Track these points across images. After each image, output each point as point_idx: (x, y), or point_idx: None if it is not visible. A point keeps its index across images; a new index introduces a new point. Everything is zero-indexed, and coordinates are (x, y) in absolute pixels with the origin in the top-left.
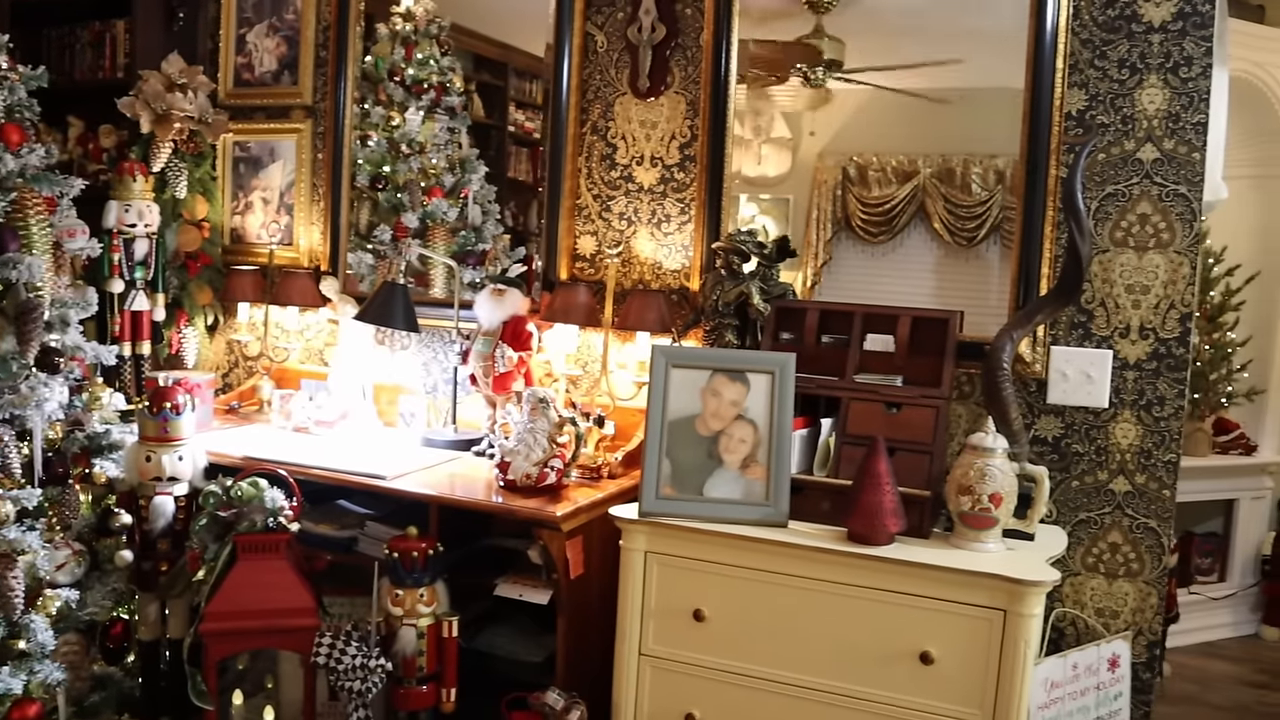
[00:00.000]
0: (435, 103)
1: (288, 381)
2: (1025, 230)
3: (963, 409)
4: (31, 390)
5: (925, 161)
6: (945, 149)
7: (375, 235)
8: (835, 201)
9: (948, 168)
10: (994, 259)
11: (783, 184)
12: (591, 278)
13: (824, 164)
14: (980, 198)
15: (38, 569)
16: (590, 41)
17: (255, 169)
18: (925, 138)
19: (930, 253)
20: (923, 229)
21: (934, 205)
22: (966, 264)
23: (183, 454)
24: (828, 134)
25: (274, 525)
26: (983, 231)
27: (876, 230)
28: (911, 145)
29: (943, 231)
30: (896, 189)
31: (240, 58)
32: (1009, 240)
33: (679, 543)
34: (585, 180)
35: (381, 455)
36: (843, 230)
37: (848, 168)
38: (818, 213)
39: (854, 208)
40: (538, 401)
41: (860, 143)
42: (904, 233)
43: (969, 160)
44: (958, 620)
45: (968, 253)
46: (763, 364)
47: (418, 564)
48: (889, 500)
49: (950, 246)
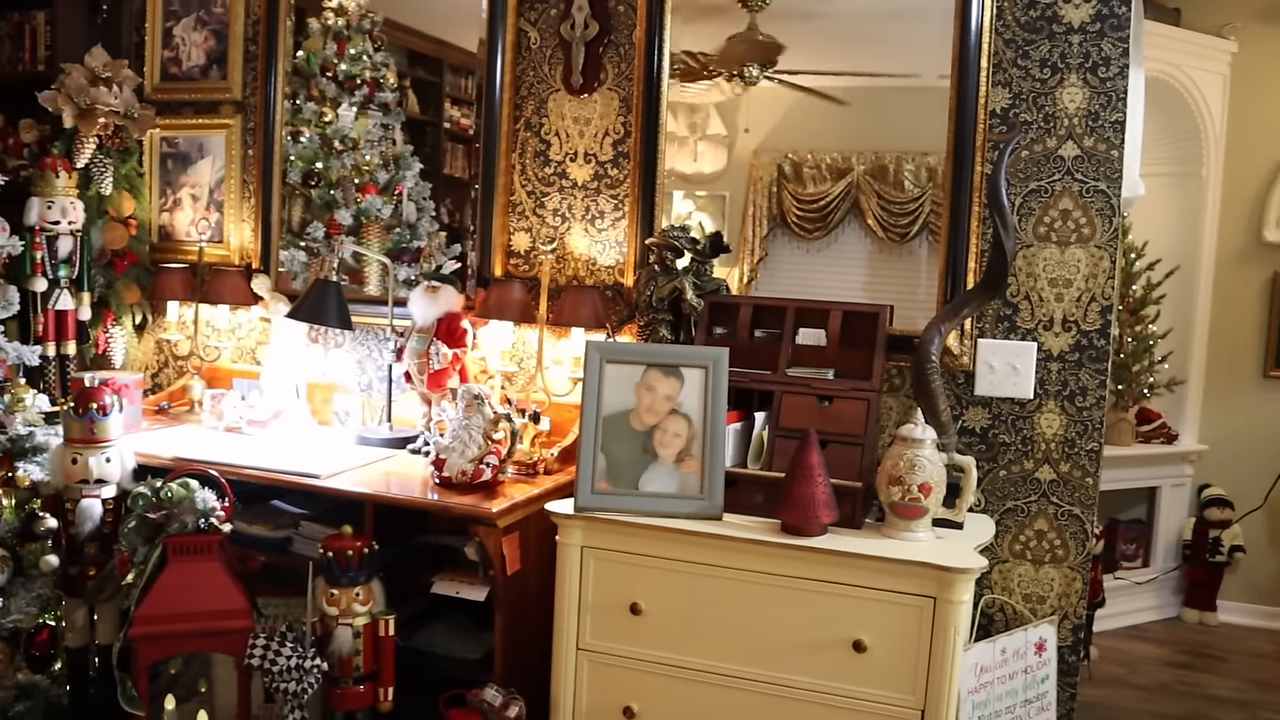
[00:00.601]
0: (368, 99)
1: (219, 381)
2: (952, 226)
3: (893, 401)
4: None
5: (859, 159)
6: (879, 146)
7: (308, 233)
8: (771, 198)
9: (881, 165)
10: (925, 254)
11: (719, 180)
12: (526, 274)
13: (759, 161)
14: (913, 194)
15: None
16: (523, 38)
17: (184, 165)
18: (859, 135)
19: (864, 249)
20: (857, 225)
21: (868, 202)
22: (899, 260)
23: (110, 456)
24: (763, 131)
25: (205, 526)
26: (915, 228)
27: (811, 227)
28: (845, 143)
29: (876, 228)
30: (831, 186)
31: (167, 51)
32: (939, 236)
33: (615, 537)
34: (519, 177)
35: (315, 454)
36: (778, 226)
37: (783, 165)
38: (754, 209)
39: (789, 204)
40: (473, 398)
41: (795, 140)
42: (838, 229)
43: (902, 157)
44: (889, 608)
45: (900, 248)
46: (696, 359)
47: (353, 563)
48: (821, 492)
49: (883, 242)
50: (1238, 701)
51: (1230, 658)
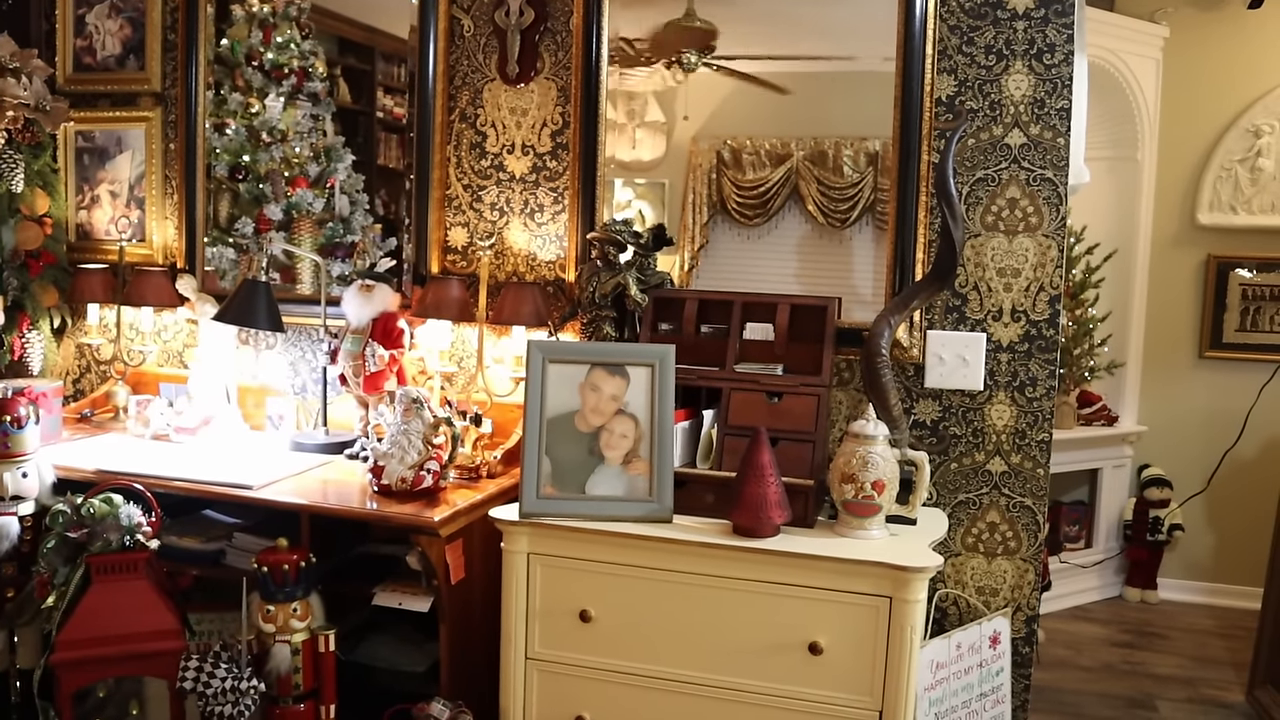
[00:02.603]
0: (297, 88)
1: (145, 386)
2: (899, 216)
3: (843, 395)
4: None
5: (798, 144)
6: (818, 131)
7: (237, 229)
8: (710, 185)
9: (820, 150)
10: (866, 240)
11: (658, 168)
12: (464, 270)
13: (698, 148)
14: (852, 179)
15: None
16: (457, 25)
17: (101, 160)
18: (798, 121)
19: (805, 234)
20: (797, 211)
21: (807, 188)
22: (840, 245)
23: (27, 470)
24: (702, 118)
25: (131, 544)
26: (855, 213)
27: (752, 213)
28: (784, 128)
29: (816, 213)
30: (770, 172)
31: (80, 40)
32: (881, 222)
33: (562, 543)
34: (455, 170)
35: (248, 462)
36: (719, 213)
37: (722, 151)
38: (694, 196)
39: (729, 191)
40: (411, 402)
41: (733, 126)
42: (779, 215)
43: (840, 143)
44: (845, 609)
45: (841, 234)
46: (642, 356)
47: (289, 577)
48: (773, 492)
49: (824, 228)
50: (1180, 679)
51: (1171, 634)
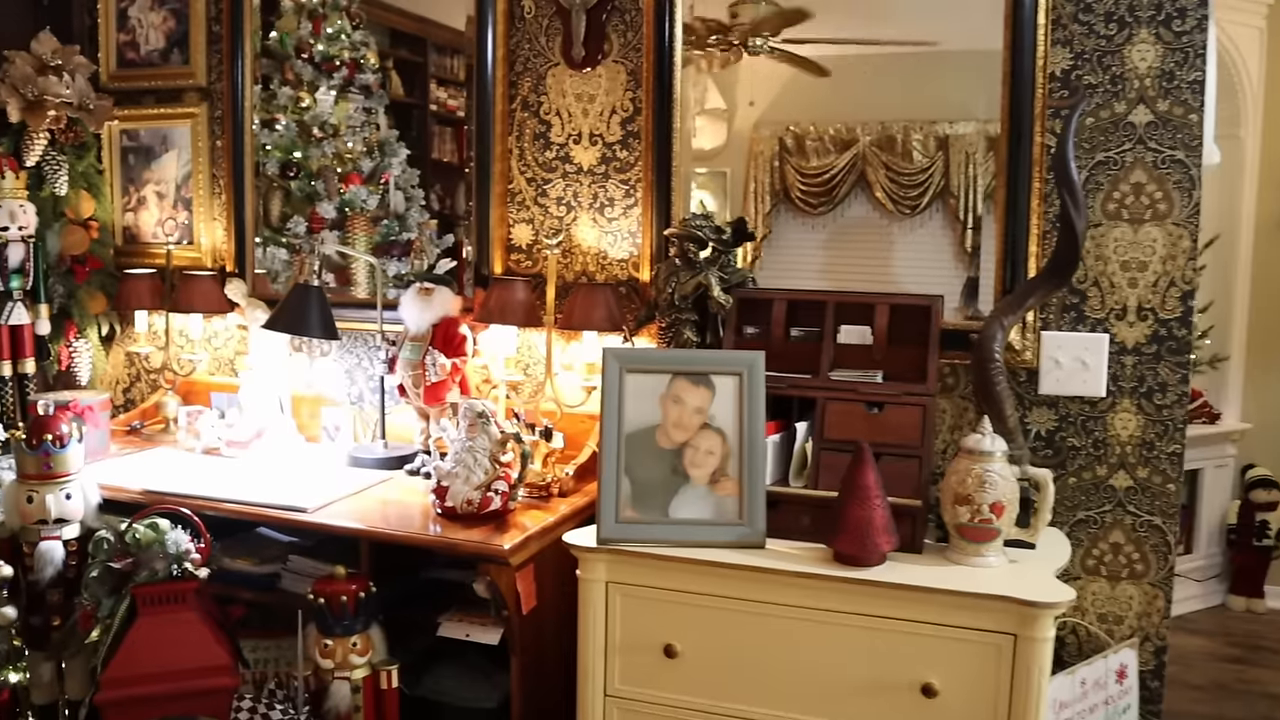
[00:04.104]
0: (348, 81)
1: (196, 395)
2: (1009, 205)
3: (947, 404)
4: None
5: (864, 129)
6: (885, 116)
7: (289, 228)
8: (773, 173)
9: (887, 135)
10: (937, 227)
11: (718, 157)
12: (529, 270)
13: (760, 135)
14: (922, 164)
15: None
16: (516, 6)
17: (147, 160)
18: (863, 105)
19: (872, 222)
20: (864, 198)
21: (875, 174)
22: (911, 232)
23: (71, 491)
24: (763, 104)
25: (179, 573)
26: (925, 199)
27: (816, 201)
28: (849, 113)
29: (884, 200)
30: (835, 158)
31: (123, 35)
32: (955, 207)
33: (644, 571)
34: (517, 162)
35: (302, 481)
36: (782, 202)
37: (784, 138)
38: (755, 185)
39: (792, 179)
40: (476, 416)
41: (797, 112)
42: (844, 203)
43: (909, 127)
44: (962, 647)
45: (911, 220)
46: (729, 364)
47: (348, 609)
48: (879, 515)
49: (892, 215)
50: None
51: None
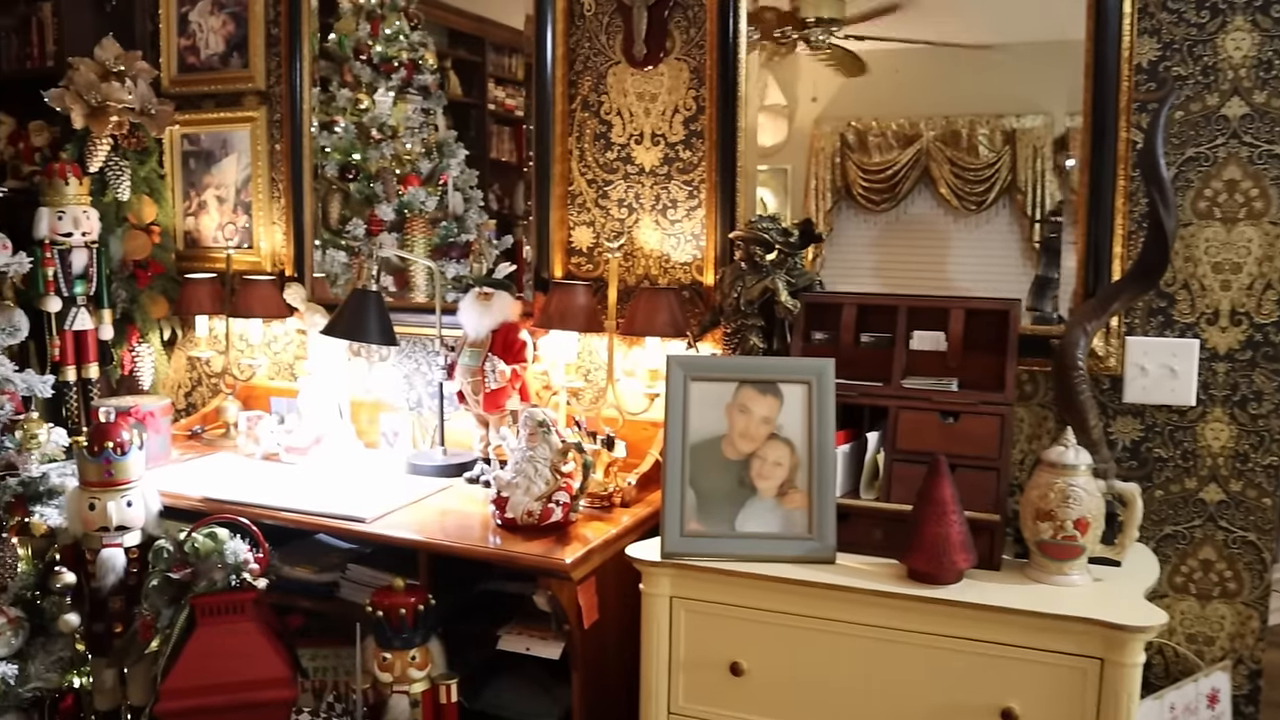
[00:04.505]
0: (406, 82)
1: (256, 401)
2: (1092, 203)
3: (1024, 412)
4: None
5: (928, 124)
6: (949, 110)
7: (348, 231)
8: (835, 170)
9: (952, 130)
10: (1003, 223)
11: (779, 153)
12: (590, 274)
13: (821, 131)
14: (988, 159)
15: None
16: (576, 4)
17: (207, 164)
18: (926, 100)
19: (936, 218)
20: (927, 194)
21: (939, 169)
22: (976, 229)
23: (132, 498)
24: (824, 99)
25: (237, 583)
26: (992, 194)
27: (879, 198)
28: (912, 108)
29: (949, 196)
30: (898, 154)
31: (184, 40)
32: (1022, 203)
33: (710, 586)
34: (578, 163)
35: (361, 489)
36: (843, 199)
37: (846, 134)
38: (816, 182)
39: (854, 175)
40: (536, 425)
41: (858, 107)
42: (908, 199)
43: (975, 121)
44: (1044, 670)
45: (976, 217)
46: (797, 372)
47: (406, 622)
48: (956, 531)
49: (957, 211)
50: None
51: None
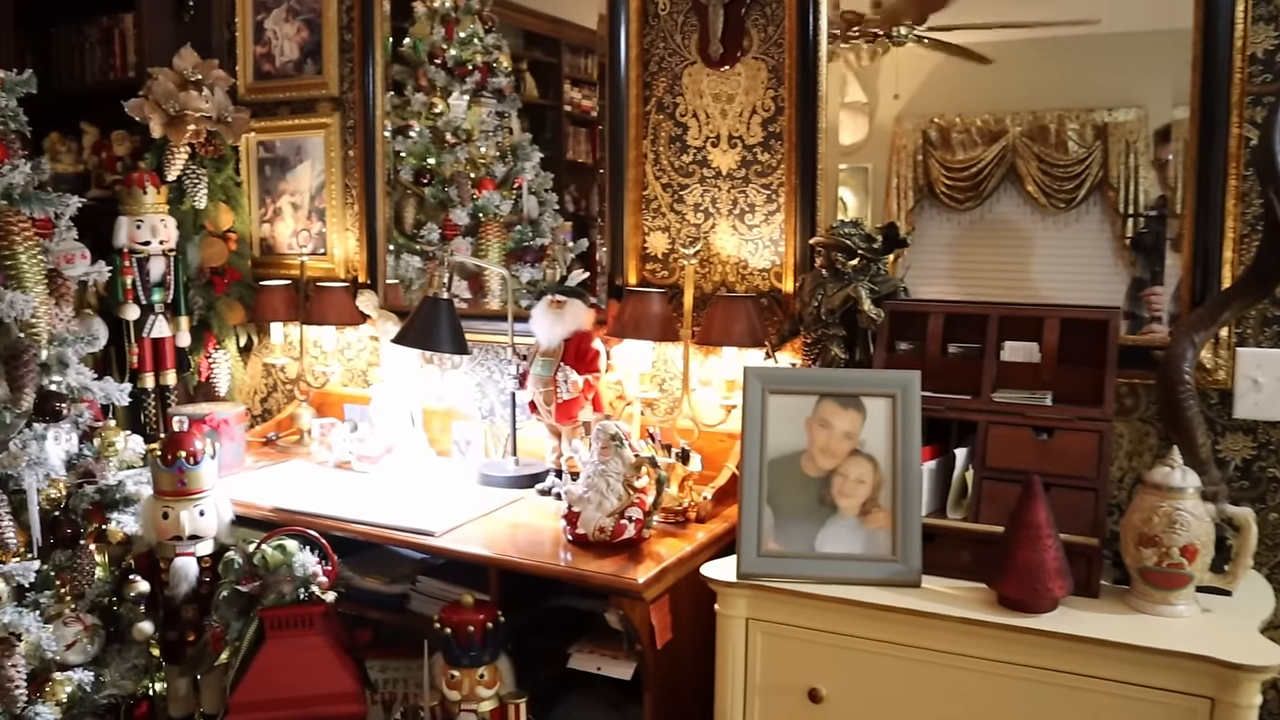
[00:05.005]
0: (481, 85)
1: (329, 407)
2: (1200, 204)
3: (1124, 427)
4: (23, 447)
5: (1014, 120)
6: (1036, 105)
7: (422, 235)
8: (916, 168)
9: (1040, 125)
10: (1094, 221)
11: (859, 152)
12: (665, 281)
13: (902, 128)
14: (1078, 155)
15: (44, 650)
16: (650, 4)
17: (282, 171)
18: (1013, 94)
19: (1022, 216)
20: (1014, 192)
21: (1026, 166)
22: (1065, 227)
23: (204, 508)
24: (906, 96)
25: (306, 596)
26: (1082, 191)
27: (963, 196)
28: (998, 103)
29: (1036, 193)
30: (983, 150)
31: (259, 47)
32: (1114, 200)
33: (787, 609)
34: (652, 167)
35: (432, 501)
36: (925, 198)
37: (928, 131)
38: (898, 180)
39: (937, 173)
40: (609, 439)
41: (941, 103)
42: (993, 197)
43: (1064, 115)
44: (1147, 709)
45: (1065, 215)
46: (880, 385)
47: (475, 640)
48: (1051, 557)
49: (1045, 209)
50: None
51: None
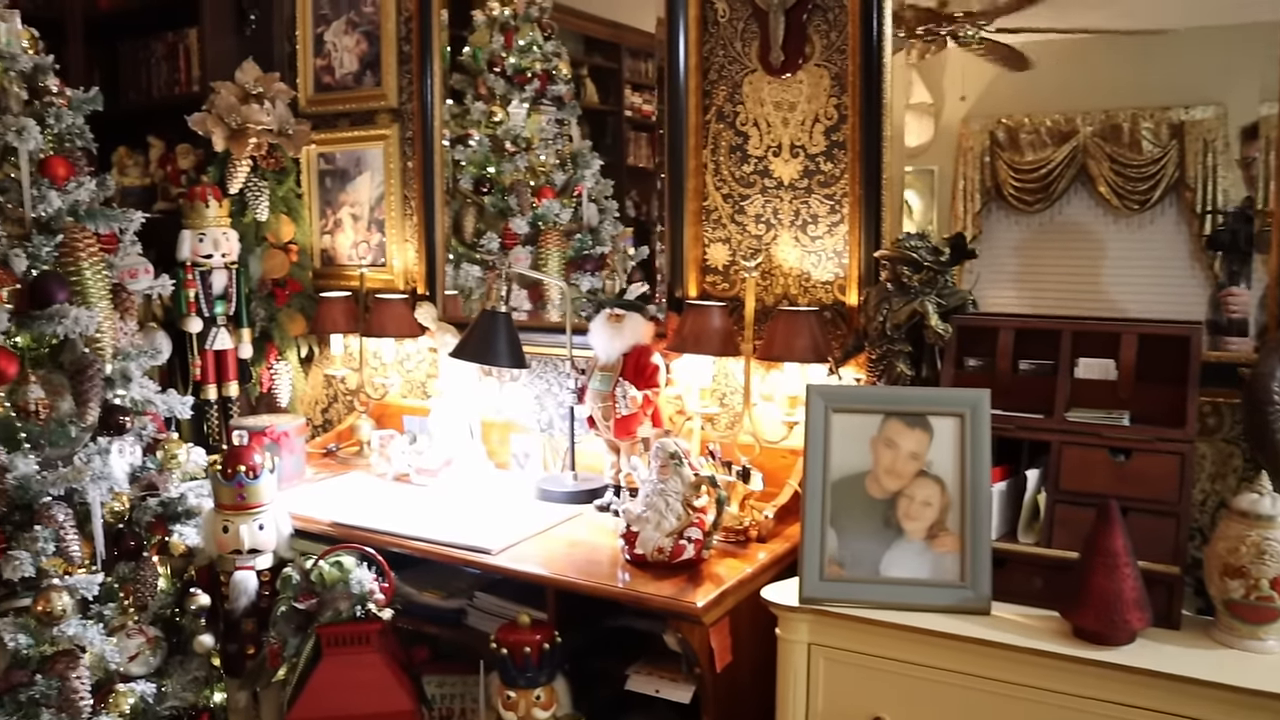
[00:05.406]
0: (540, 93)
1: (389, 419)
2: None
3: (1206, 448)
4: (88, 462)
5: (1085, 119)
6: (1109, 104)
7: (482, 244)
8: (984, 169)
9: (1113, 124)
10: (1170, 222)
11: (924, 154)
12: (725, 293)
13: (969, 129)
14: (1152, 155)
15: (108, 661)
16: (709, 10)
17: (342, 182)
18: (1084, 93)
19: (1094, 219)
20: (1084, 193)
21: (1098, 166)
22: (1139, 229)
23: (264, 522)
24: (973, 96)
25: (362, 614)
26: (1157, 193)
27: (1031, 198)
28: (1068, 102)
29: (1109, 195)
30: (1052, 151)
31: (319, 60)
32: (1191, 200)
33: (851, 634)
34: (712, 177)
35: (489, 516)
36: (993, 200)
37: (996, 131)
38: (964, 183)
39: (1005, 175)
40: (668, 457)
41: (1009, 103)
42: (1063, 199)
43: (1138, 114)
44: None
45: (1139, 217)
46: (949, 404)
47: (531, 661)
48: (1129, 587)
49: (1118, 210)
50: None
51: None
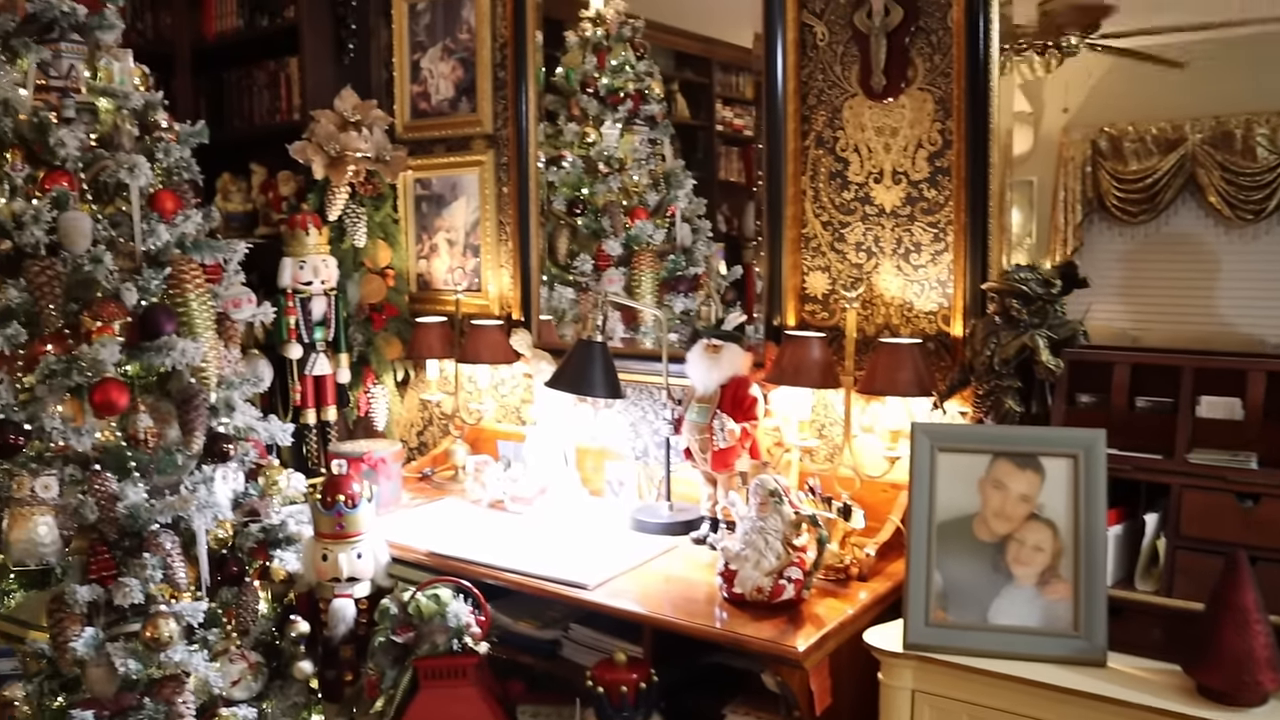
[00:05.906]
0: (633, 113)
1: (483, 444)
2: None
3: None
4: (193, 490)
5: (1194, 126)
6: (1221, 109)
7: (575, 266)
8: (1085, 180)
9: (1224, 131)
10: None
11: (1024, 164)
12: (825, 323)
13: (1070, 139)
14: (1268, 163)
15: (211, 686)
16: (808, 34)
17: (438, 208)
18: (1193, 98)
19: (1203, 230)
20: (1193, 204)
21: (1208, 175)
22: (1253, 240)
23: (362, 550)
24: (1074, 105)
25: (459, 647)
26: (1273, 202)
27: (1136, 209)
28: (1176, 109)
29: (1220, 205)
30: (1159, 160)
31: (416, 86)
32: None
33: (957, 683)
34: (811, 204)
35: (584, 548)
36: (1095, 211)
37: (1098, 140)
38: (1065, 194)
39: (1107, 185)
40: (768, 494)
41: (1111, 112)
42: (1169, 209)
43: (1252, 120)
44: None
45: (1254, 228)
46: (1061, 444)
47: (627, 700)
48: (1262, 645)
49: (1230, 221)
50: None
51: None
